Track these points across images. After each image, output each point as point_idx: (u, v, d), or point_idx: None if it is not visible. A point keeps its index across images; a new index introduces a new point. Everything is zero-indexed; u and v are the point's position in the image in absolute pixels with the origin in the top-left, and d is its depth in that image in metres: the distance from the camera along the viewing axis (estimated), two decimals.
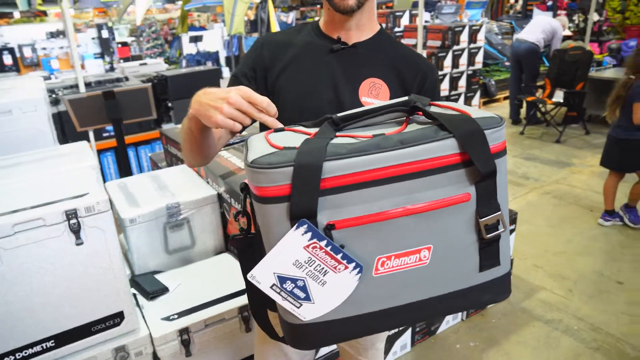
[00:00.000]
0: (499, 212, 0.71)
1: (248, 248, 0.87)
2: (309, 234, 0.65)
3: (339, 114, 0.78)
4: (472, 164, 0.68)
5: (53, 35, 7.59)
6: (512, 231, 2.55)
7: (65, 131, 3.50)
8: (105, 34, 6.83)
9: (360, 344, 1.29)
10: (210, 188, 2.00)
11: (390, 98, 1.03)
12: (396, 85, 1.04)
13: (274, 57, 1.05)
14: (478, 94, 6.66)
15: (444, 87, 6.22)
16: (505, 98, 7.02)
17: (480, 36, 6.36)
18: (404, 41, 6.15)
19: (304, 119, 0.87)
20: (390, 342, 2.23)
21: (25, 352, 1.35)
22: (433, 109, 0.78)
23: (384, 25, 6.90)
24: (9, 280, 1.27)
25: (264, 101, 0.82)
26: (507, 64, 7.15)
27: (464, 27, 6.14)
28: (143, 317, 1.60)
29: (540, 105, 5.66)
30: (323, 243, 0.66)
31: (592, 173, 4.41)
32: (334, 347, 1.95)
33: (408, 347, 2.33)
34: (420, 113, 0.77)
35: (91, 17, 13.24)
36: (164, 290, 1.72)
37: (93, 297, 1.40)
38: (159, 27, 11.14)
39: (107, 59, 6.68)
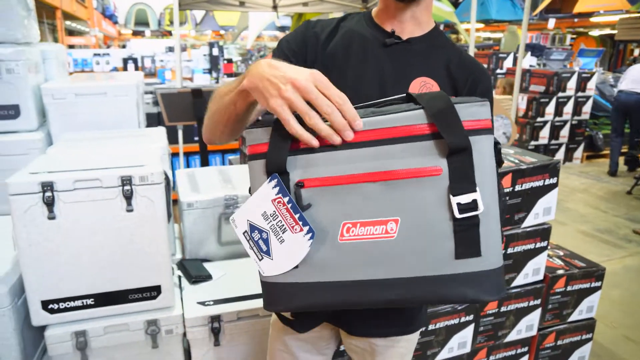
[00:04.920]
0: (475, 192, 0.67)
1: None
2: (277, 189, 0.70)
3: None
4: (442, 137, 0.67)
5: (170, 49, 8.37)
6: (597, 289, 2.25)
7: None
8: (215, 51, 7.37)
9: None
10: None
11: None
12: (448, 86, 0.96)
13: (324, 39, 0.98)
14: (582, 146, 6.15)
15: (544, 135, 5.86)
16: None
17: (591, 85, 5.93)
18: None
19: None
20: None
21: (68, 304, 1.41)
22: None
23: (485, 65, 6.72)
24: (64, 232, 1.35)
25: (341, 97, 0.68)
26: None
27: (572, 73, 5.77)
28: (181, 298, 1.62)
29: None
30: (286, 199, 0.70)
31: None
32: None
33: None
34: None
35: (209, 39, 14.55)
36: (207, 277, 1.73)
37: (134, 265, 1.44)
38: (268, 52, 11.84)
39: (214, 74, 7.16)
